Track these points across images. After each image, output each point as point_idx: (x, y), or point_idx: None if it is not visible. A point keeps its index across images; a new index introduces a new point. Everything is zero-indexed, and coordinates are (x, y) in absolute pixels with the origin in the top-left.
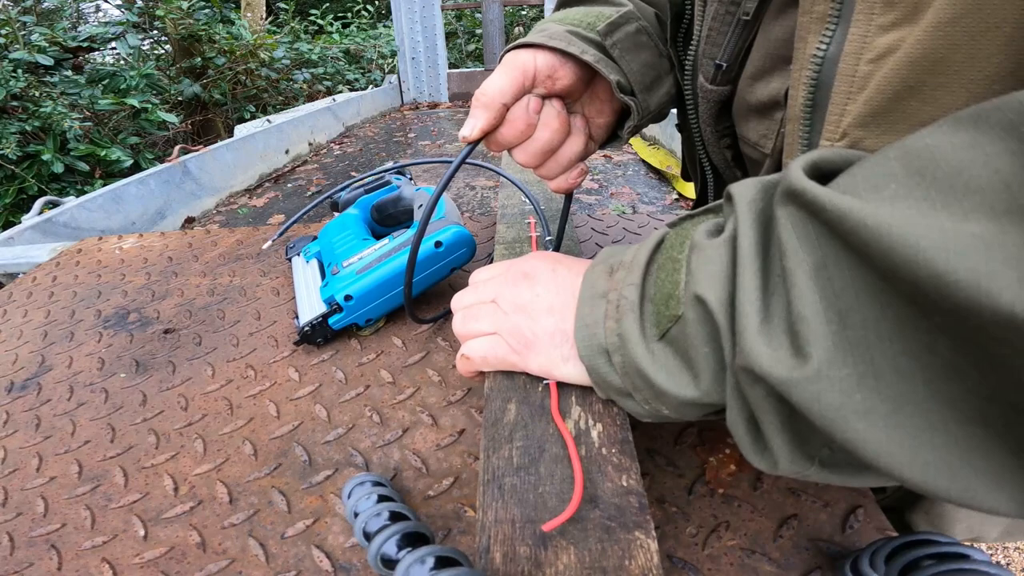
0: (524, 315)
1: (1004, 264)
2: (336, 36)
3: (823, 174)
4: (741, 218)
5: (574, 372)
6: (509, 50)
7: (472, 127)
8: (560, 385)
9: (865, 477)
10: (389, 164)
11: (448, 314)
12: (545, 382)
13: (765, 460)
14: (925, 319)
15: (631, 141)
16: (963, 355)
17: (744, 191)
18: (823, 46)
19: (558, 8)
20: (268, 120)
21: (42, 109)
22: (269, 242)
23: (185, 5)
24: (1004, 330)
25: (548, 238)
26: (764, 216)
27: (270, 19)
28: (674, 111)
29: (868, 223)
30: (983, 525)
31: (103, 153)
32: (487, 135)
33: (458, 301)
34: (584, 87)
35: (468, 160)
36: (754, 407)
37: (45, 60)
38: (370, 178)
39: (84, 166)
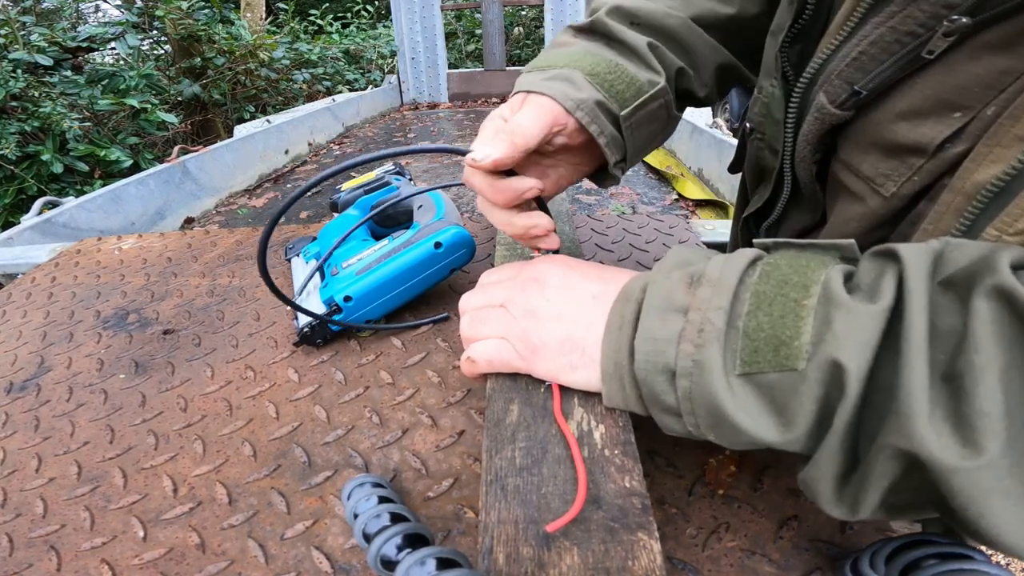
0: (533, 320)
1: None
2: (336, 36)
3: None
4: (913, 294)
5: (582, 380)
6: (533, 91)
7: (487, 155)
8: (563, 386)
9: (912, 515)
10: (381, 152)
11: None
12: (547, 383)
13: (840, 508)
14: None
15: None
16: None
17: (918, 261)
18: None
19: (588, 31)
20: (268, 120)
21: (41, 109)
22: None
23: (185, 5)
24: None
25: None
26: (935, 295)
27: (270, 19)
28: (721, 90)
29: None
30: None
31: (102, 153)
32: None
33: (466, 303)
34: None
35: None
36: (872, 472)
37: (44, 60)
38: (365, 169)
39: (83, 166)
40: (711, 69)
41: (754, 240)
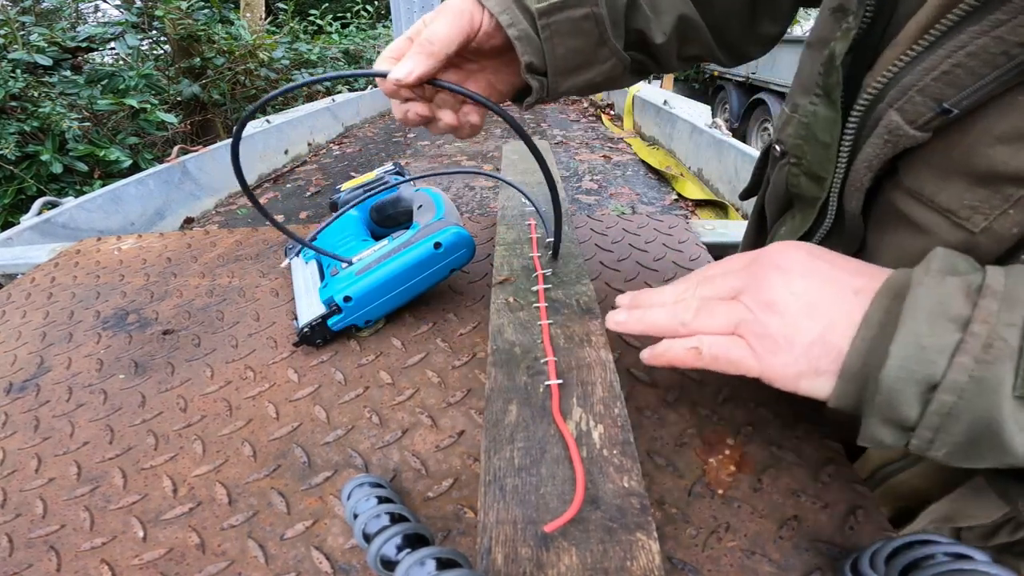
0: (776, 315)
1: None
2: (335, 36)
3: None
4: None
5: (822, 388)
6: None
7: (409, 71)
8: (561, 386)
9: None
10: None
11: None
12: (547, 383)
13: None
14: None
15: (630, 141)
16: None
17: None
18: None
19: None
20: (267, 120)
21: (41, 109)
22: (286, 261)
23: (184, 5)
24: None
25: (549, 240)
26: None
27: (269, 19)
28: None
29: None
30: None
31: (102, 153)
32: (421, 83)
33: (684, 290)
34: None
35: (468, 170)
36: None
37: (44, 60)
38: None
39: (83, 166)
40: (672, 17)
41: None
